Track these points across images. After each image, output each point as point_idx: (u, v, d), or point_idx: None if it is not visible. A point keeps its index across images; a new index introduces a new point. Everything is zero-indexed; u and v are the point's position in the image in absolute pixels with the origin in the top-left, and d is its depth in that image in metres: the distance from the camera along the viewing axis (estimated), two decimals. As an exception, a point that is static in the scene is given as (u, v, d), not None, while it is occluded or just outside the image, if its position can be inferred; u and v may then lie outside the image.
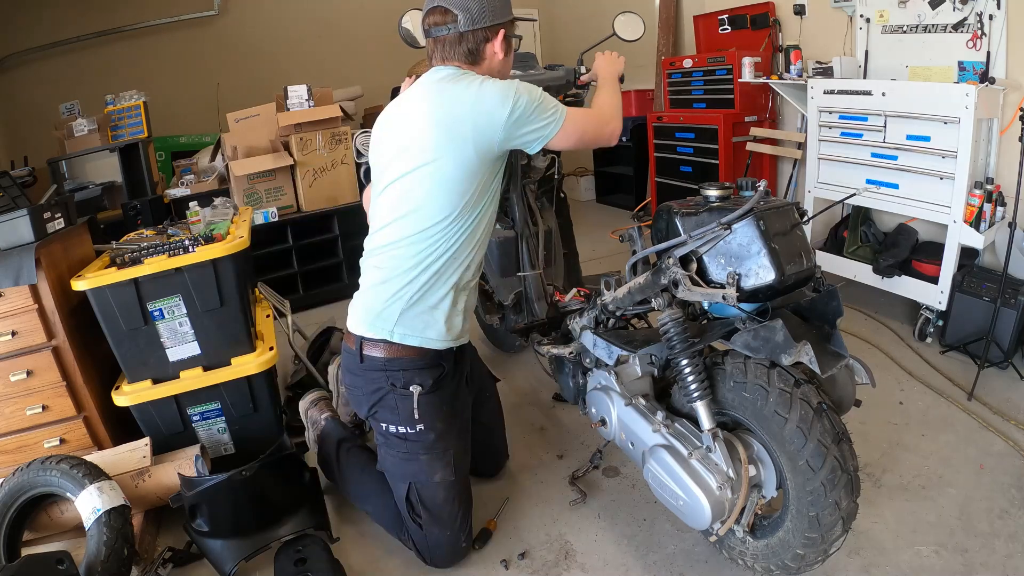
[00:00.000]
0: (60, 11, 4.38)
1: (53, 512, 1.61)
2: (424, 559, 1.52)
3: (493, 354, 2.64)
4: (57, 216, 1.82)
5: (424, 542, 1.50)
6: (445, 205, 1.32)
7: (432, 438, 1.45)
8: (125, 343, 1.71)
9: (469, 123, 1.29)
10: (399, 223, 1.36)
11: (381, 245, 1.41)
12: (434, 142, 1.30)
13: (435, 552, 1.50)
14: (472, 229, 1.38)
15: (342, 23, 5.29)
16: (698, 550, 1.51)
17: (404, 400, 1.41)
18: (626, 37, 2.02)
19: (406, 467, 1.48)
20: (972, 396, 2.03)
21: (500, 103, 1.29)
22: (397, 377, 1.41)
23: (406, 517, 1.51)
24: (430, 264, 1.36)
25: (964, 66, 2.52)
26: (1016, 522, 1.51)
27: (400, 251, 1.37)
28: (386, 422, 1.46)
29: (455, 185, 1.32)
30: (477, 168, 1.33)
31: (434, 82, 1.37)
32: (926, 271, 2.47)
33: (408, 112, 1.39)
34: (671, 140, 4.00)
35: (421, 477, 1.47)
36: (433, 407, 1.44)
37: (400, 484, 1.49)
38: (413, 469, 1.47)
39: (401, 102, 1.43)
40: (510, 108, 1.29)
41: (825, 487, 1.15)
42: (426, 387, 1.42)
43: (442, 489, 1.47)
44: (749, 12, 3.61)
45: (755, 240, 1.17)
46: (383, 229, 1.40)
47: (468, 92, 1.30)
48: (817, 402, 1.17)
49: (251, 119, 3.38)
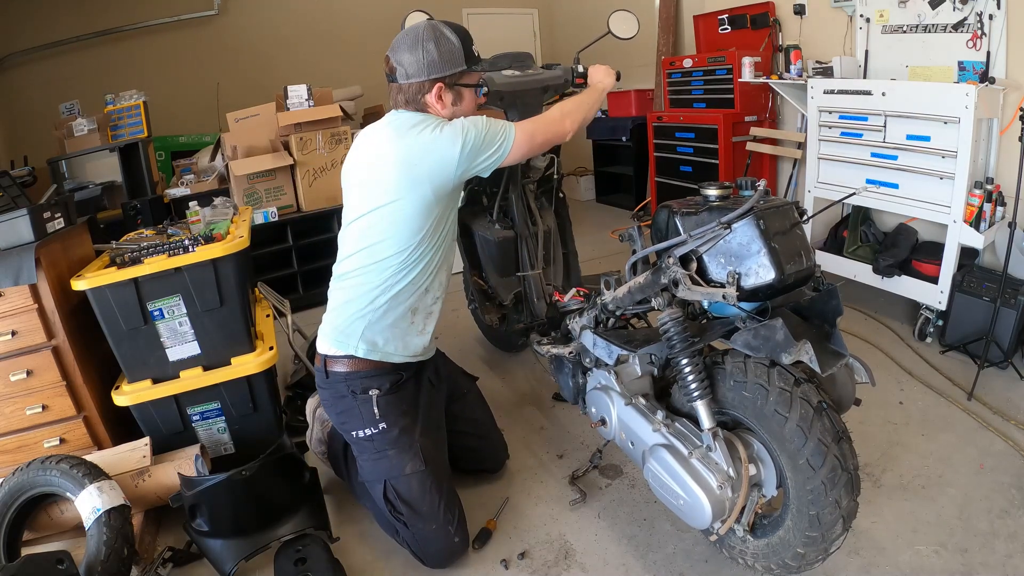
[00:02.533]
0: (60, 11, 4.39)
1: (53, 512, 1.61)
2: (420, 559, 1.52)
3: (493, 354, 2.64)
4: (57, 216, 1.82)
5: (414, 540, 1.51)
6: (403, 239, 1.45)
7: (396, 433, 1.52)
8: (125, 343, 1.71)
9: (425, 167, 1.40)
10: (362, 253, 1.49)
11: (347, 271, 1.53)
12: (395, 184, 1.41)
13: (427, 549, 1.51)
14: (429, 257, 1.50)
15: (342, 23, 5.29)
16: (698, 550, 1.51)
17: (365, 404, 1.52)
18: (621, 35, 2.02)
19: (377, 467, 1.53)
20: (972, 396, 2.03)
21: (451, 143, 1.39)
22: (356, 384, 1.52)
23: (390, 518, 1.53)
24: (389, 287, 1.48)
25: (964, 66, 2.52)
26: (1016, 522, 1.51)
27: (363, 277, 1.49)
28: (354, 429, 1.54)
29: (413, 222, 1.44)
30: (434, 204, 1.44)
31: (395, 127, 1.47)
32: (926, 271, 2.47)
33: (372, 154, 1.48)
34: (671, 140, 4.00)
35: (393, 472, 1.51)
36: (392, 406, 1.54)
37: (377, 486, 1.54)
38: (384, 466, 1.52)
39: (369, 141, 1.52)
40: (460, 145, 1.39)
41: (825, 486, 1.15)
42: (383, 390, 1.53)
43: (415, 480, 1.50)
44: (749, 12, 3.61)
45: (755, 239, 1.17)
46: (348, 258, 1.52)
47: (422, 138, 1.41)
48: (817, 401, 1.17)
49: (251, 119, 3.39)
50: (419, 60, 1.43)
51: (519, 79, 1.82)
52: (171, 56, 4.77)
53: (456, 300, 2.83)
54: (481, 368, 2.50)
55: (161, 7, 4.70)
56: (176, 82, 4.69)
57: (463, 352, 2.65)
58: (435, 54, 1.43)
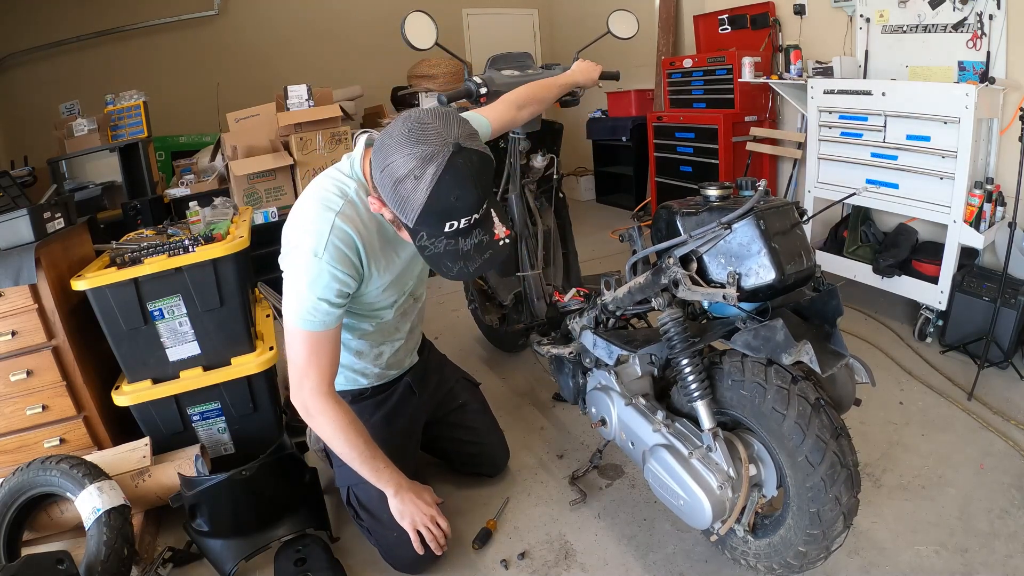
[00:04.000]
0: (60, 11, 4.39)
1: (53, 512, 1.61)
2: (392, 565, 1.50)
3: (493, 354, 2.64)
4: (57, 216, 1.82)
5: (379, 546, 1.51)
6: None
7: None
8: (125, 343, 1.70)
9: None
10: None
11: None
12: None
13: (392, 555, 1.49)
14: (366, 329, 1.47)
15: (342, 23, 5.29)
16: (698, 550, 1.51)
17: None
18: (620, 35, 2.02)
19: (341, 472, 1.51)
20: (972, 396, 2.03)
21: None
22: None
23: (356, 523, 1.54)
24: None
25: (964, 66, 2.53)
26: (1016, 522, 1.51)
27: None
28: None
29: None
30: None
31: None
32: (926, 271, 2.47)
33: None
34: (671, 140, 4.00)
35: (353, 478, 1.46)
36: (355, 413, 1.48)
37: (342, 490, 1.54)
38: (346, 471, 1.46)
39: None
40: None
41: (825, 482, 1.15)
42: (345, 400, 1.48)
43: (375, 488, 1.44)
44: (749, 12, 3.61)
45: (755, 239, 1.17)
46: None
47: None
48: (815, 398, 1.17)
49: (251, 119, 3.39)
50: (391, 178, 1.09)
51: (519, 79, 1.82)
52: (171, 56, 4.77)
53: (456, 300, 2.83)
54: (481, 368, 2.50)
55: (161, 7, 4.70)
56: (176, 82, 4.69)
57: (463, 352, 2.65)
58: (404, 193, 1.08)
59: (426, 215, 1.08)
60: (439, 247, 1.13)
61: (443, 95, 1.78)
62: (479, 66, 2.05)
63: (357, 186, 1.28)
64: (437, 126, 1.08)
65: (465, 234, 1.12)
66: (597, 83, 1.89)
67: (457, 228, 1.10)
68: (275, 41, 5.06)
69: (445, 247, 1.13)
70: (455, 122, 1.10)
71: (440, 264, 1.15)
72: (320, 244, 1.21)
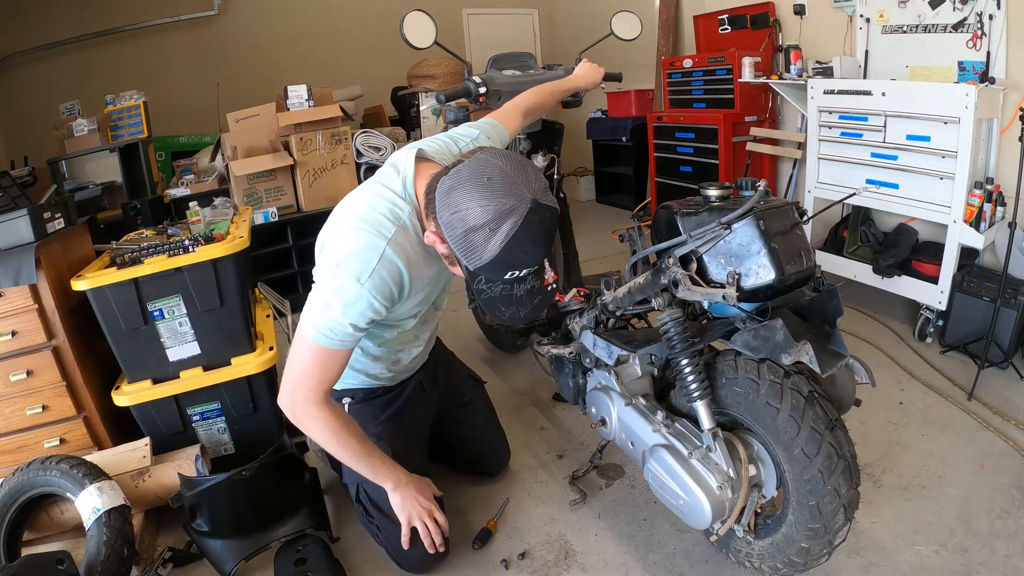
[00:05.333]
0: (60, 11, 4.39)
1: (53, 512, 1.61)
2: (397, 563, 1.50)
3: (493, 354, 2.64)
4: (57, 216, 1.82)
5: (387, 545, 1.50)
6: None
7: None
8: (125, 343, 1.71)
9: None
10: None
11: None
12: None
13: (400, 554, 1.48)
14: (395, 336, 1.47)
15: (342, 23, 5.29)
16: (698, 550, 1.51)
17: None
18: (623, 36, 2.02)
19: (349, 469, 1.49)
20: (972, 396, 2.03)
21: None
22: (331, 394, 1.49)
23: (365, 522, 1.53)
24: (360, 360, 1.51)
25: (964, 66, 2.53)
26: (1016, 522, 1.51)
27: None
28: None
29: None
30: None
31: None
32: (926, 271, 2.47)
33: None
34: (671, 140, 4.00)
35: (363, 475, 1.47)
36: (366, 412, 1.54)
37: (351, 487, 1.53)
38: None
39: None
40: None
41: (823, 474, 1.15)
42: (356, 399, 1.52)
43: None
44: (749, 12, 3.61)
45: (755, 240, 1.17)
46: None
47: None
48: (808, 391, 1.17)
49: (251, 119, 3.38)
50: (463, 225, 1.07)
51: (520, 79, 1.82)
52: (171, 56, 4.77)
53: (456, 300, 2.83)
54: (481, 368, 2.50)
55: (161, 7, 4.70)
56: (176, 82, 4.70)
57: (463, 352, 2.63)
58: (475, 242, 1.08)
59: (493, 266, 1.09)
60: (495, 291, 1.15)
61: (442, 94, 1.78)
62: (479, 66, 2.06)
63: (412, 211, 1.24)
64: (516, 178, 1.07)
65: (521, 281, 1.14)
66: (600, 85, 1.89)
67: (516, 276, 1.12)
68: (275, 41, 5.06)
69: (500, 292, 1.15)
70: (532, 174, 1.10)
71: (495, 308, 1.18)
72: (366, 272, 1.18)
